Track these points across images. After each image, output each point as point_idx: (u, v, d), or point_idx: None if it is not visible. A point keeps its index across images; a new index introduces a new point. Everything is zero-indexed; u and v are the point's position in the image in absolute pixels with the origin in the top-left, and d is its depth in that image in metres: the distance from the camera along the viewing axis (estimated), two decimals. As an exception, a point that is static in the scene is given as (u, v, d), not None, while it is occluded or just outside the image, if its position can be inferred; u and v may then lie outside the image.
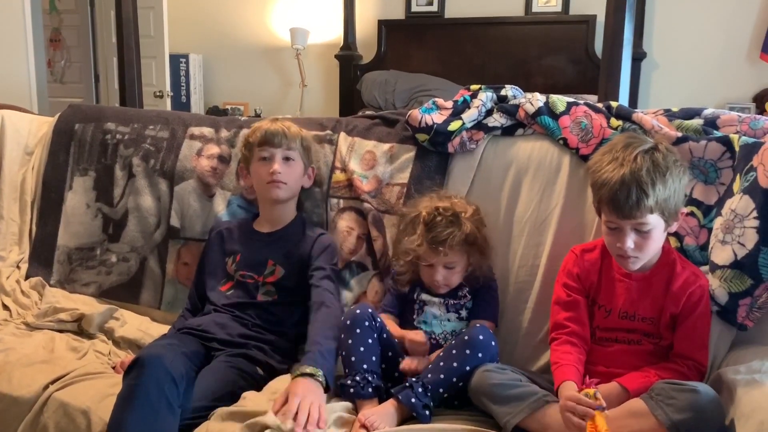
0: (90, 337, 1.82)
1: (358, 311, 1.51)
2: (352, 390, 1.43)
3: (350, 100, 4.68)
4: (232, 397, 1.43)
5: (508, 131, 1.81)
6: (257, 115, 4.73)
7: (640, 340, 1.44)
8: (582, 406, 1.24)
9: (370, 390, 1.43)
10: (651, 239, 1.38)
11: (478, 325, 1.50)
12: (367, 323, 1.49)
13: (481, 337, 1.45)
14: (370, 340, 1.48)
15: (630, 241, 1.37)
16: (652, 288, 1.44)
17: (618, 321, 1.46)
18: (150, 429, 1.29)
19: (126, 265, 2.06)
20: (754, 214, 1.41)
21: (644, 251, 1.39)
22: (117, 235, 2.08)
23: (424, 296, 1.64)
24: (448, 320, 1.64)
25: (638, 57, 3.98)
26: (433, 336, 1.62)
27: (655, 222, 1.37)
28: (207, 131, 2.09)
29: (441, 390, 1.42)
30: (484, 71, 4.36)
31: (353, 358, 1.47)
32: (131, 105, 3.00)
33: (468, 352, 1.43)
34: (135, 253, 2.06)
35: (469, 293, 1.63)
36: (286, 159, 1.78)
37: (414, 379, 1.42)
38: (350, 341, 1.48)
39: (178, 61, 5.00)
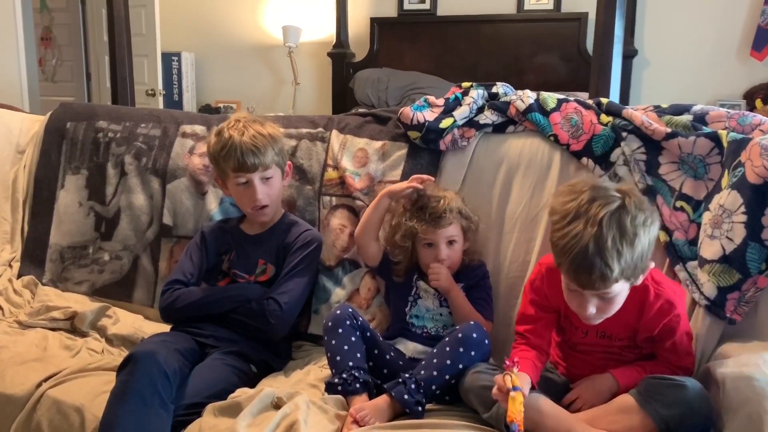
0: (83, 335, 1.82)
1: (338, 312, 1.53)
2: (340, 388, 1.44)
3: (343, 98, 4.68)
4: (226, 394, 1.44)
5: (499, 128, 1.82)
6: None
7: (621, 352, 1.44)
8: (501, 390, 1.24)
9: (357, 385, 1.44)
10: (614, 303, 1.29)
11: (472, 322, 1.51)
12: (348, 322, 1.51)
13: (474, 335, 1.45)
14: (353, 338, 1.50)
15: (592, 308, 1.28)
16: (622, 314, 1.35)
17: (596, 339, 1.43)
18: (143, 425, 1.29)
19: (119, 264, 2.06)
20: (742, 209, 1.43)
21: (607, 312, 1.30)
22: (109, 234, 2.08)
23: (421, 284, 1.67)
24: (441, 315, 1.65)
25: (629, 54, 4.00)
26: (425, 330, 1.63)
27: (619, 289, 1.26)
28: (199, 129, 2.10)
29: (434, 387, 1.43)
30: (476, 69, 4.37)
31: (338, 357, 1.48)
32: (123, 103, 3.00)
33: (461, 349, 1.44)
34: (127, 251, 2.06)
35: (463, 289, 1.65)
36: (265, 178, 1.71)
37: (407, 375, 1.43)
38: (333, 341, 1.50)
39: (170, 59, 4.99)
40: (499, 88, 1.89)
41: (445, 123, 1.80)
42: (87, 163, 2.16)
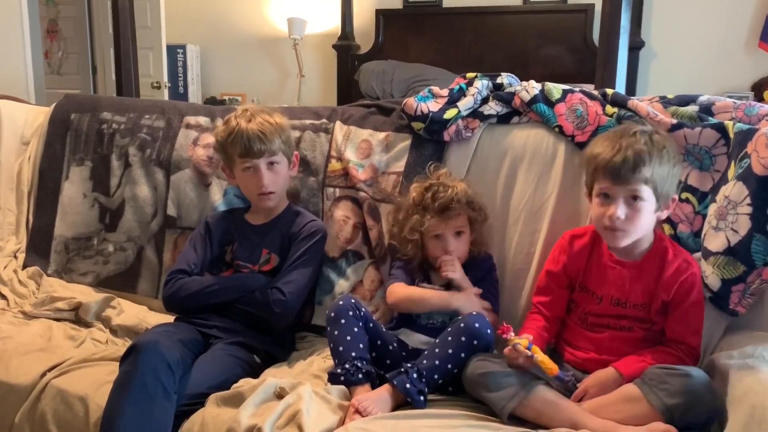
0: (87, 325, 1.83)
1: (341, 303, 1.52)
2: (342, 378, 1.44)
3: (348, 91, 4.66)
4: (229, 385, 1.44)
5: (503, 119, 1.81)
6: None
7: (631, 326, 1.45)
8: (520, 357, 1.33)
9: (360, 376, 1.44)
10: (641, 213, 1.37)
11: (474, 312, 1.50)
12: (351, 313, 1.50)
13: (477, 325, 1.45)
14: (355, 329, 1.49)
15: (621, 211, 1.36)
16: (643, 275, 1.44)
17: (609, 308, 1.46)
18: (146, 415, 1.30)
19: (123, 255, 2.06)
20: (748, 200, 1.42)
21: (633, 224, 1.37)
22: (114, 225, 2.08)
23: (425, 285, 1.66)
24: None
25: (636, 46, 3.97)
26: (430, 321, 1.63)
27: (647, 195, 1.36)
28: (203, 120, 2.09)
29: (436, 376, 1.43)
30: (482, 61, 4.34)
31: (341, 348, 1.48)
32: (128, 96, 2.99)
33: (464, 339, 1.44)
34: (132, 242, 2.06)
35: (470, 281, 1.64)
36: (271, 163, 1.73)
37: (409, 365, 1.43)
38: (336, 332, 1.49)
39: (175, 51, 4.98)
40: (504, 78, 1.88)
41: (449, 114, 1.79)
42: (91, 154, 2.16)
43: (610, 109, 1.70)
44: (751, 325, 1.45)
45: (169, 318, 1.76)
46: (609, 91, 1.75)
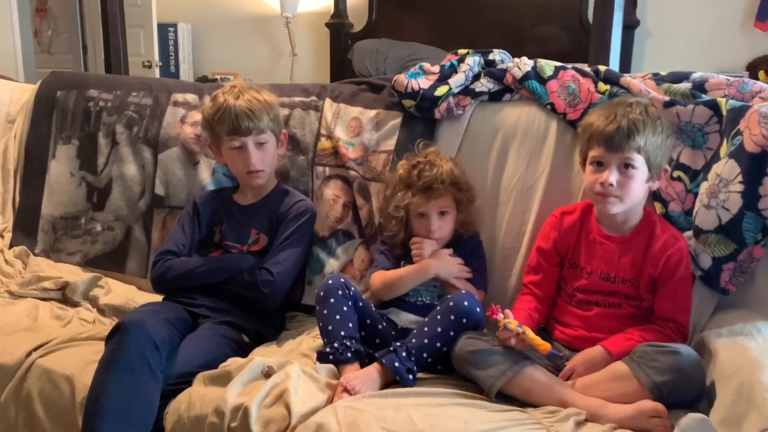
0: (74, 305, 1.82)
1: (330, 282, 1.51)
2: (331, 357, 1.43)
3: (341, 70, 4.61)
4: (217, 364, 1.43)
5: (495, 96, 1.79)
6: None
7: (620, 303, 1.44)
8: (512, 338, 1.33)
9: (349, 354, 1.43)
10: (633, 180, 1.38)
11: (464, 291, 1.50)
12: (340, 292, 1.49)
13: (466, 303, 1.44)
14: (345, 308, 1.49)
15: (613, 177, 1.37)
16: (631, 249, 1.44)
17: (599, 283, 1.46)
18: (131, 394, 1.29)
19: (111, 234, 2.04)
20: (739, 178, 1.40)
21: (625, 190, 1.38)
22: (101, 204, 2.06)
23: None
24: (435, 286, 1.64)
25: (632, 25, 3.93)
26: (419, 299, 1.62)
27: (640, 164, 1.38)
28: (191, 98, 2.06)
29: (425, 355, 1.42)
30: (476, 39, 4.29)
31: (330, 327, 1.47)
32: (117, 74, 2.95)
33: (452, 317, 1.43)
34: (120, 222, 2.04)
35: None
36: (259, 141, 1.70)
37: (398, 344, 1.42)
38: (325, 311, 1.48)
39: (166, 30, 4.92)
40: (496, 55, 1.85)
41: (441, 91, 1.77)
42: (78, 132, 2.13)
43: (602, 86, 1.68)
44: (740, 304, 1.45)
45: (158, 297, 1.75)
46: (602, 68, 1.72)
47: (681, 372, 1.22)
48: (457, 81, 1.77)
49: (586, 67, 1.76)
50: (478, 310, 1.45)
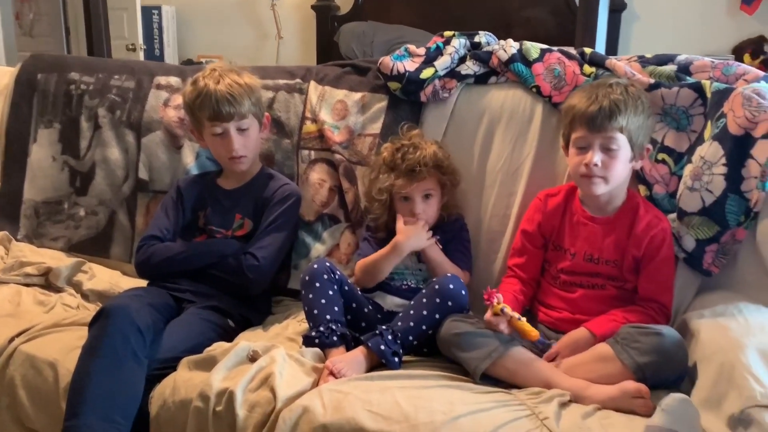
0: (58, 290, 1.80)
1: (315, 266, 1.51)
2: (317, 341, 1.43)
3: (328, 53, 4.57)
4: (202, 349, 1.42)
5: (481, 79, 1.78)
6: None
7: (604, 284, 1.45)
8: (500, 323, 1.33)
9: (335, 338, 1.43)
10: (617, 160, 1.39)
11: (449, 274, 1.50)
12: (325, 276, 1.49)
13: (451, 286, 1.45)
14: (330, 292, 1.48)
15: (597, 157, 1.38)
16: (615, 230, 1.45)
17: (582, 264, 1.47)
18: (115, 379, 1.28)
19: (95, 219, 2.02)
20: (723, 161, 1.41)
21: (610, 170, 1.39)
22: (84, 189, 2.04)
23: None
24: (420, 270, 1.64)
25: (618, 8, 3.92)
26: (405, 283, 1.62)
27: (622, 143, 1.39)
28: (174, 81, 2.04)
29: (411, 338, 1.42)
30: (464, 22, 4.25)
31: (316, 311, 1.47)
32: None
33: (438, 300, 1.43)
34: (103, 206, 2.02)
35: (440, 242, 1.63)
36: (241, 127, 1.68)
37: (384, 327, 1.43)
38: (311, 296, 1.48)
39: (150, 13, 4.84)
40: (482, 37, 1.84)
41: (426, 73, 1.75)
42: (59, 116, 2.10)
43: (587, 68, 1.67)
44: (723, 285, 1.46)
45: (143, 282, 1.73)
46: (587, 50, 1.72)
47: (663, 353, 1.23)
48: (442, 63, 1.76)
49: (571, 50, 1.75)
50: (463, 292, 1.46)
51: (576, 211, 1.50)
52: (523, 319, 1.34)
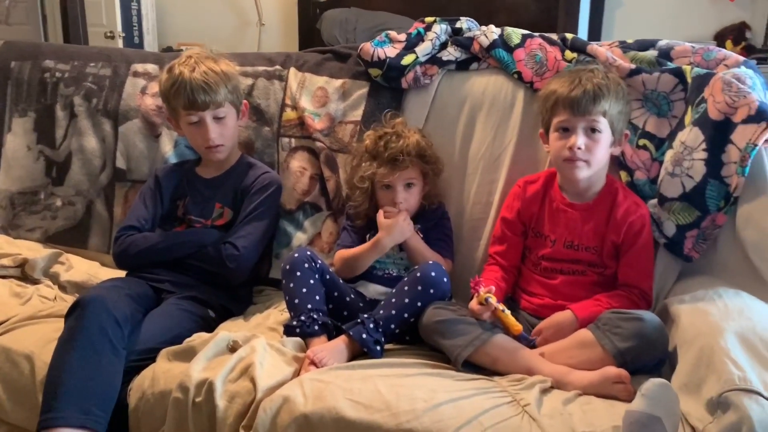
0: (34, 282, 1.77)
1: (296, 255, 1.49)
2: (298, 330, 1.42)
3: (310, 40, 4.52)
4: (182, 340, 1.41)
5: (462, 65, 1.77)
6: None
7: (584, 270, 1.46)
8: (484, 313, 1.34)
9: (316, 327, 1.42)
10: (600, 144, 1.40)
11: (430, 261, 1.49)
12: (306, 265, 1.48)
13: (432, 274, 1.44)
14: (311, 281, 1.47)
15: (581, 140, 1.39)
16: (594, 216, 1.45)
17: (563, 251, 1.47)
18: (92, 371, 1.26)
19: (72, 209, 1.99)
20: (703, 146, 1.41)
21: (593, 154, 1.40)
22: (61, 179, 2.00)
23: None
24: (401, 258, 1.63)
25: (602, -6, 3.93)
26: (387, 272, 1.61)
27: (604, 128, 1.40)
28: (151, 68, 2.00)
29: (392, 326, 1.42)
30: (447, 9, 4.19)
31: (296, 300, 1.45)
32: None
33: (419, 288, 1.43)
34: (81, 196, 1.99)
35: (421, 231, 1.62)
36: (217, 116, 1.65)
37: (365, 316, 1.42)
38: (292, 285, 1.47)
39: (129, -1, 4.76)
40: (463, 23, 1.83)
41: (407, 60, 1.74)
42: (34, 104, 2.05)
43: (569, 54, 1.66)
44: (703, 271, 1.47)
45: (121, 273, 1.71)
46: (569, 36, 1.71)
47: (644, 338, 1.24)
48: (424, 49, 1.75)
49: (553, 36, 1.74)
50: (445, 280, 1.45)
51: (555, 197, 1.50)
52: (508, 311, 1.34)
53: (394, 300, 1.44)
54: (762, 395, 0.99)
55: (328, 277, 1.52)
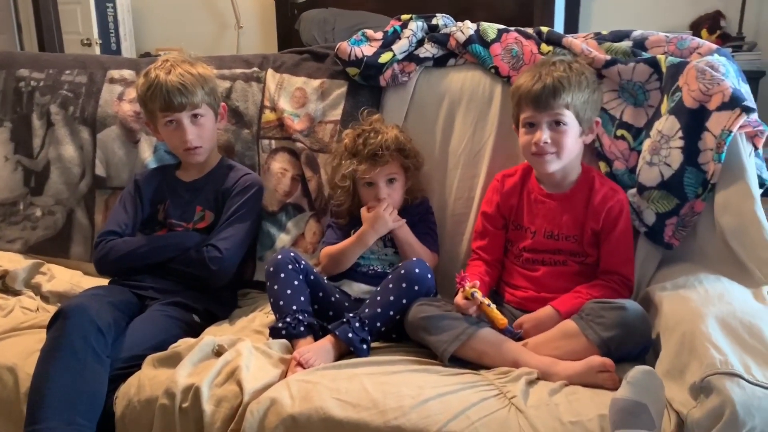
0: (16, 294, 1.75)
1: (279, 257, 1.49)
2: (284, 332, 1.42)
3: (289, 41, 4.51)
4: (167, 346, 1.40)
5: (439, 62, 1.78)
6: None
7: (565, 260, 1.47)
8: (470, 308, 1.35)
9: (302, 329, 1.42)
10: (565, 136, 1.41)
11: (414, 258, 1.49)
12: (290, 266, 1.47)
13: (417, 270, 1.44)
14: (296, 282, 1.47)
15: (546, 135, 1.40)
16: (572, 205, 1.47)
17: (543, 242, 1.48)
18: (76, 381, 1.25)
19: (52, 219, 1.97)
20: (680, 134, 1.43)
21: (559, 146, 1.41)
22: (40, 188, 1.99)
23: None
24: (386, 255, 1.64)
25: (578, -13, 3.94)
26: (371, 268, 1.61)
27: (569, 120, 1.41)
28: (127, 74, 1.99)
29: (378, 324, 1.42)
30: (424, 6, 4.19)
31: (281, 302, 1.45)
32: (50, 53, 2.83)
33: (404, 285, 1.43)
34: (60, 205, 1.97)
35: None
36: (195, 117, 1.65)
37: (351, 315, 1.42)
38: (276, 286, 1.47)
39: (104, 5, 4.71)
40: (439, 19, 1.83)
41: (385, 57, 1.74)
42: (10, 114, 2.03)
43: (545, 47, 1.67)
44: (683, 257, 1.48)
45: (104, 281, 1.70)
46: (544, 29, 1.72)
47: (627, 327, 1.25)
48: (400, 47, 1.75)
49: (529, 29, 1.75)
50: (429, 276, 1.45)
51: (533, 189, 1.52)
52: (493, 306, 1.35)
53: (379, 298, 1.44)
54: (743, 378, 1.00)
55: (312, 277, 1.52)
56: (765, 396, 0.99)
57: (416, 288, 1.43)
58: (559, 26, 2.35)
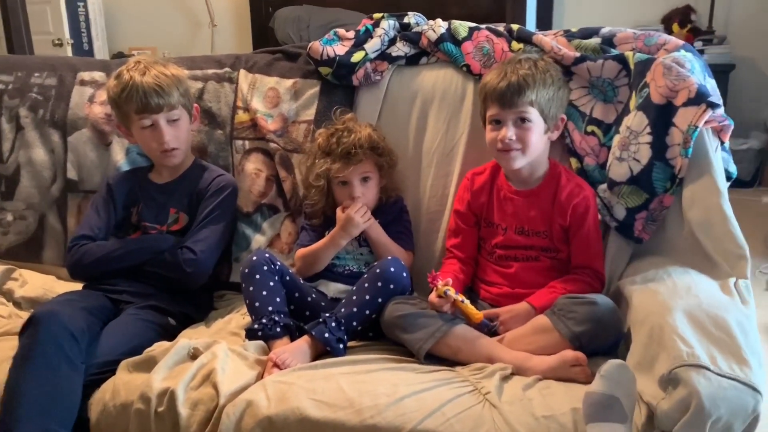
0: (-12, 300, 1.73)
1: (254, 258, 1.49)
2: (260, 333, 1.42)
3: (264, 40, 4.49)
4: (142, 350, 1.39)
5: (412, 60, 1.78)
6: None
7: (538, 256, 1.49)
8: (444, 305, 1.37)
9: (278, 329, 1.42)
10: (531, 132, 1.43)
11: (389, 257, 1.50)
12: (265, 267, 1.47)
13: (392, 269, 1.45)
14: (271, 283, 1.47)
15: (511, 132, 1.42)
16: (539, 201, 1.49)
17: (515, 238, 1.50)
18: (50, 387, 1.24)
19: (23, 224, 1.94)
20: (648, 129, 1.45)
21: (524, 143, 1.43)
22: (10, 193, 1.95)
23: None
24: (361, 254, 1.64)
25: (551, -17, 3.97)
26: (347, 268, 1.62)
27: (534, 117, 1.44)
28: (98, 76, 1.97)
29: (355, 323, 1.42)
30: (399, 3, 4.23)
31: (257, 304, 1.45)
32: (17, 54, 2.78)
33: (380, 284, 1.43)
34: (32, 210, 1.94)
35: (381, 224, 1.63)
36: (171, 119, 1.64)
37: (327, 315, 1.42)
38: (251, 288, 1.46)
39: (75, 4, 4.64)
40: (411, 18, 1.83)
41: (357, 57, 1.74)
42: (-22, 118, 2.00)
43: (516, 45, 1.69)
44: (654, 251, 1.50)
45: (78, 286, 1.68)
46: (514, 27, 1.73)
47: (598, 321, 1.27)
48: (373, 46, 1.75)
49: (500, 27, 1.76)
50: (404, 275, 1.46)
51: (502, 186, 1.54)
52: (467, 301, 1.37)
53: (355, 297, 1.44)
54: (709, 369, 1.02)
55: (288, 278, 1.52)
56: (731, 387, 1.01)
57: (392, 287, 1.44)
58: (531, 23, 2.36)
